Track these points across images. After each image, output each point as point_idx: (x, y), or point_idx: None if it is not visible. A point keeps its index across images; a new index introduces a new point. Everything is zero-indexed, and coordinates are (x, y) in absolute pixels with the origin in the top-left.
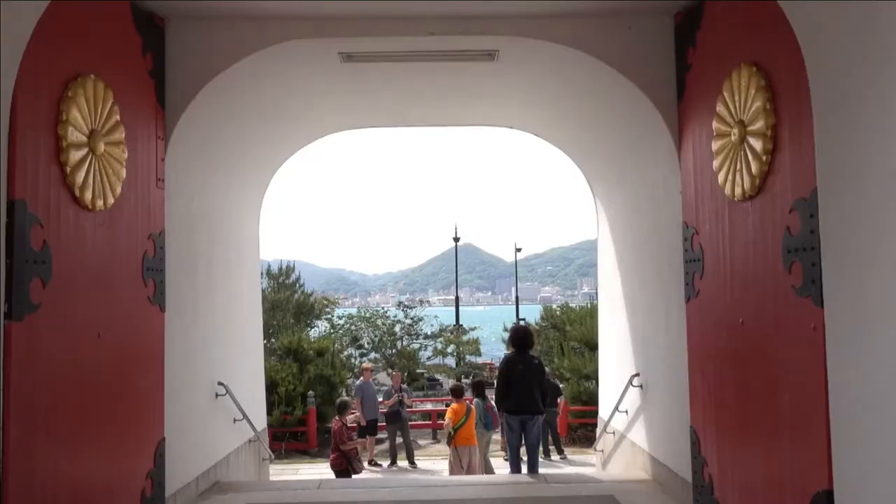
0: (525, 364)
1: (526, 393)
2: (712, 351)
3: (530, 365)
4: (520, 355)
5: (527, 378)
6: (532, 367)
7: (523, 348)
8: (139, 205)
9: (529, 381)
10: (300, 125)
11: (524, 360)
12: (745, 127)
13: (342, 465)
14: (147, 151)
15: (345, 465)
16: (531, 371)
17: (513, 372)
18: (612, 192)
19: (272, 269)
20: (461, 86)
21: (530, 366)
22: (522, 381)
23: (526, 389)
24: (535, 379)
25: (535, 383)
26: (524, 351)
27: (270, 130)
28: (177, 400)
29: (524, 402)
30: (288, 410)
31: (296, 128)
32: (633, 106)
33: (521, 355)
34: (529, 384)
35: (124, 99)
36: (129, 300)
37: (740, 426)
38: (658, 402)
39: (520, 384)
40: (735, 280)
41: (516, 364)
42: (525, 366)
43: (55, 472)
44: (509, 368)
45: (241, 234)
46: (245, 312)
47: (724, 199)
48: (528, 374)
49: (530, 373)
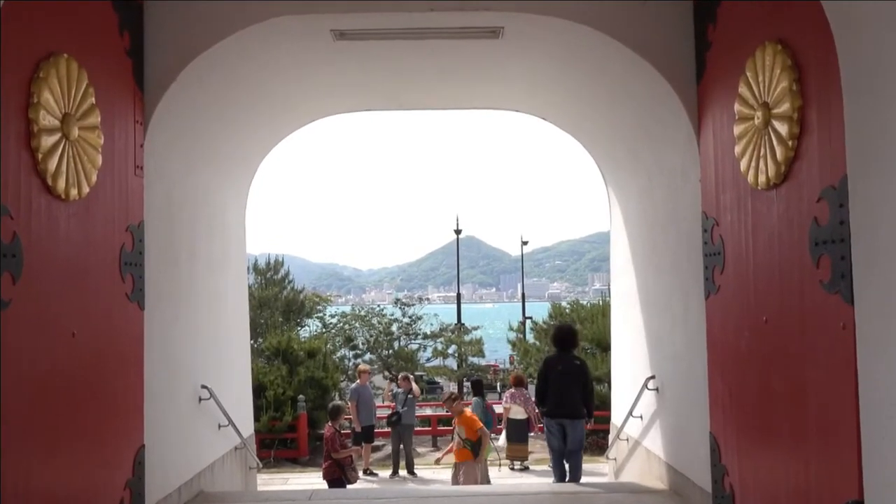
0: (565, 364)
1: (565, 395)
2: (733, 351)
3: (571, 365)
4: (560, 355)
5: (567, 380)
6: (573, 369)
7: (565, 347)
8: (116, 194)
9: (569, 382)
10: (289, 108)
11: (564, 361)
12: (769, 109)
13: (335, 474)
14: (124, 137)
15: (338, 475)
16: (571, 372)
17: (551, 373)
18: (626, 180)
19: (259, 264)
20: (463, 66)
21: (571, 366)
22: (562, 382)
23: (565, 391)
24: (577, 381)
25: (576, 385)
26: (566, 351)
27: (258, 114)
28: (157, 404)
29: (563, 405)
30: (277, 416)
31: (285, 111)
32: (649, 87)
33: (562, 355)
34: (569, 386)
35: (100, 80)
36: (106, 297)
37: (764, 432)
38: (675, 407)
39: (559, 386)
40: (758, 275)
41: (555, 365)
42: (565, 366)
43: (25, 481)
44: (548, 369)
45: (227, 225)
46: (230, 310)
47: (746, 187)
48: (567, 377)
49: (570, 374)
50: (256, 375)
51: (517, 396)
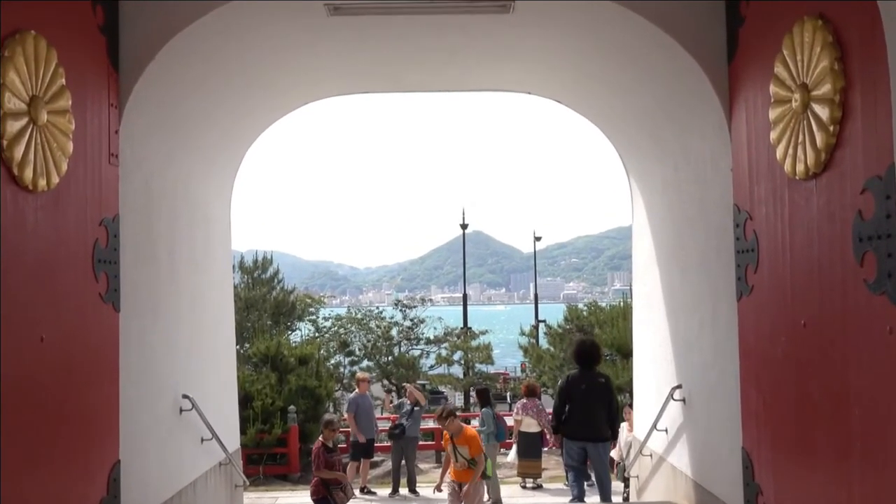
0: (589, 383)
1: (588, 416)
2: (768, 358)
3: (594, 384)
4: (583, 373)
5: (590, 399)
6: (597, 387)
7: (588, 365)
8: (89, 185)
9: (593, 402)
10: (279, 91)
11: (588, 379)
12: (808, 91)
13: (321, 493)
14: (98, 122)
15: (323, 494)
16: (595, 391)
17: (574, 392)
18: (650, 169)
19: (246, 262)
20: (470, 44)
21: (594, 385)
22: (585, 402)
23: (588, 412)
24: (601, 400)
25: (601, 405)
26: (589, 368)
27: (244, 97)
28: (134, 416)
29: (586, 427)
30: (265, 428)
31: (274, 94)
32: (675, 66)
33: (585, 373)
34: (593, 406)
35: (71, 59)
36: (78, 298)
37: (802, 448)
38: (704, 419)
39: (581, 406)
40: (796, 274)
41: (578, 383)
42: (589, 385)
43: None
44: (570, 388)
45: (210, 219)
46: (215, 312)
47: (783, 177)
48: (591, 395)
49: (595, 393)
50: (243, 384)
51: (529, 407)
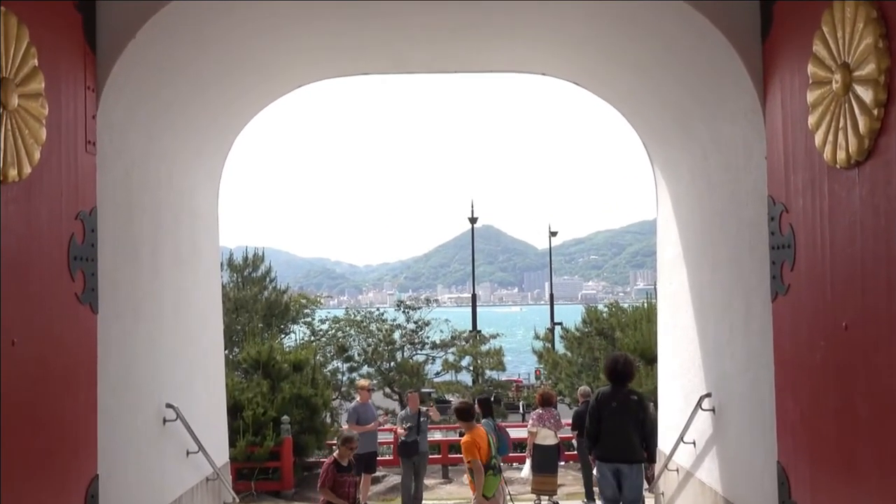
0: (621, 401)
1: (621, 436)
2: (806, 364)
3: (627, 402)
4: (615, 390)
5: (623, 418)
6: (629, 405)
7: (620, 381)
8: (64, 175)
9: (625, 421)
10: (271, 73)
11: (619, 396)
12: (850, 71)
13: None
14: (73, 106)
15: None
16: (628, 409)
17: (604, 410)
18: (676, 158)
19: (235, 259)
20: (479, 20)
21: (627, 403)
22: (617, 421)
23: (621, 432)
24: (634, 419)
25: (634, 424)
26: (621, 384)
27: (233, 79)
28: (114, 427)
29: (618, 448)
30: (256, 440)
31: (265, 76)
32: (704, 45)
33: (617, 390)
34: (625, 425)
35: (44, 38)
36: (52, 298)
37: (843, 462)
38: (735, 431)
39: (613, 425)
40: (837, 271)
41: (609, 401)
42: (621, 403)
43: None
44: (601, 406)
45: (197, 213)
46: (201, 314)
47: (822, 165)
48: (624, 414)
49: (627, 412)
50: (232, 392)
51: (545, 418)
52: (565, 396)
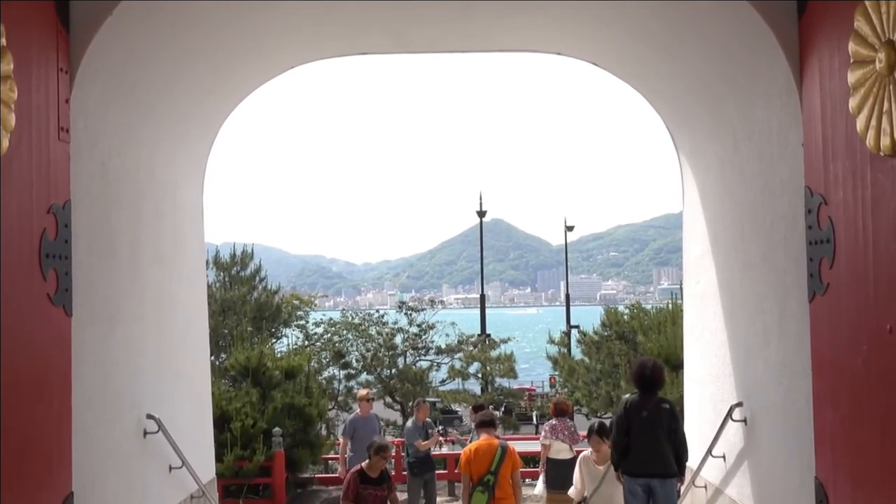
0: (651, 410)
1: (652, 448)
2: (847, 370)
3: (658, 411)
4: (644, 398)
5: (654, 429)
6: (660, 415)
7: (650, 389)
8: (34, 165)
9: (656, 432)
10: (260, 53)
11: (650, 405)
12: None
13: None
14: (45, 90)
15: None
16: (659, 420)
17: (634, 420)
18: (704, 145)
19: (222, 257)
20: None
21: (658, 412)
22: (648, 432)
23: (651, 444)
24: (665, 430)
25: (665, 436)
26: (651, 392)
27: (219, 60)
28: (89, 440)
29: (649, 461)
30: (245, 454)
31: (254, 56)
32: (735, 21)
33: (647, 398)
34: (657, 437)
35: (12, 15)
36: (22, 299)
37: (887, 477)
38: (768, 444)
39: (643, 437)
40: (881, 268)
41: (639, 410)
42: (651, 413)
43: None
44: (630, 416)
45: (180, 206)
46: (185, 317)
47: (865, 153)
48: (655, 424)
49: (658, 422)
50: (219, 402)
51: (559, 429)
52: (582, 406)
